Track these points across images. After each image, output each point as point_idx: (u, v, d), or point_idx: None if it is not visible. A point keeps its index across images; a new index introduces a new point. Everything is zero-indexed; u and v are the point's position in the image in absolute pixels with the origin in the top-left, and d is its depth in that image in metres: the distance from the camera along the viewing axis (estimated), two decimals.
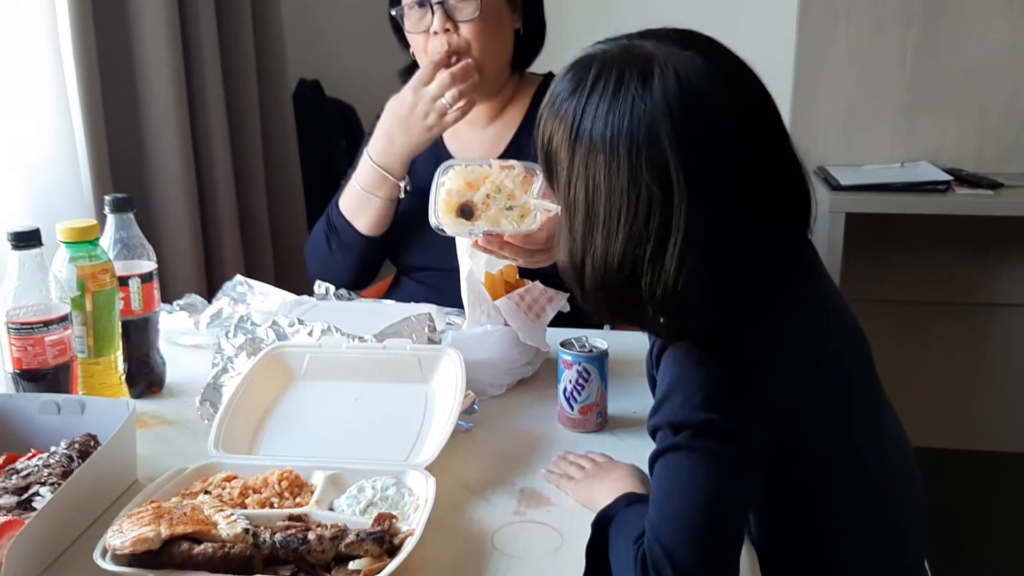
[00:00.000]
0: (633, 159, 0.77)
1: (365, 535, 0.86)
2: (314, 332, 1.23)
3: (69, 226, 1.16)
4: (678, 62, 0.79)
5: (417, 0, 1.45)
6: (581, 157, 0.80)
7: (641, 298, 0.80)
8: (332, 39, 2.80)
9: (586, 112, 0.80)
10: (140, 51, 1.92)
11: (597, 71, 0.81)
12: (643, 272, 0.79)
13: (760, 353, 0.83)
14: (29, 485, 0.95)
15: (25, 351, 1.10)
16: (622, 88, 0.79)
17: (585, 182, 0.80)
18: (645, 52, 0.80)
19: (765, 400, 0.82)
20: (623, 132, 0.78)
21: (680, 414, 0.81)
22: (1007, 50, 2.53)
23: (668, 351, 0.85)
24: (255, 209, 2.27)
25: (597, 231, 0.80)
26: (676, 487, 0.80)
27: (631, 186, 0.78)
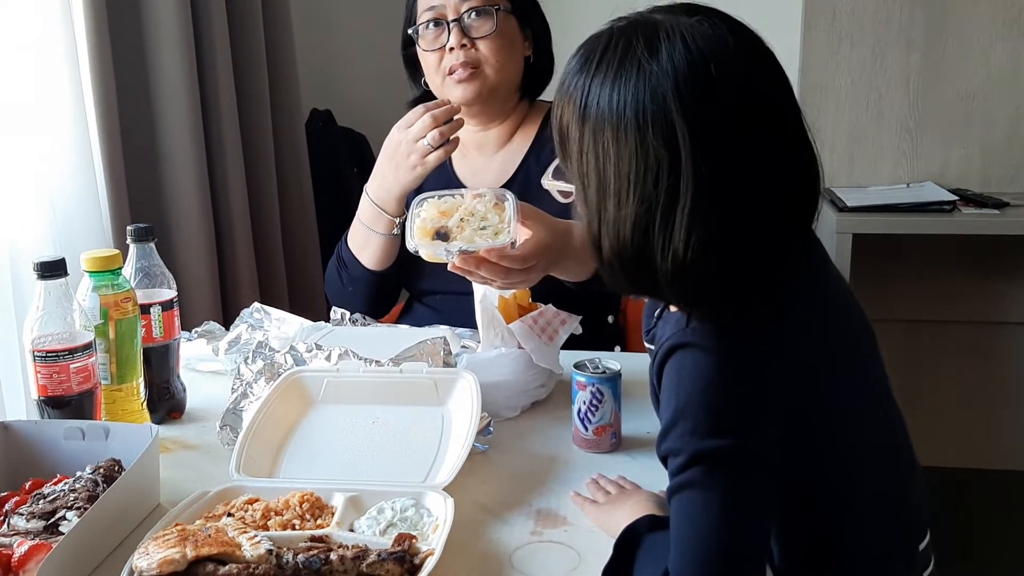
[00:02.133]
0: (640, 123, 0.78)
1: (386, 555, 0.88)
2: (331, 357, 1.25)
3: (93, 256, 1.18)
4: (685, 28, 0.79)
5: (433, 19, 1.49)
6: (590, 128, 0.81)
7: (654, 266, 0.80)
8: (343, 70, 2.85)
9: (593, 84, 0.81)
10: (157, 82, 1.96)
11: (605, 44, 0.82)
12: (654, 239, 0.79)
13: (770, 350, 0.82)
14: (56, 509, 0.97)
15: (50, 378, 1.12)
16: (629, 55, 0.79)
17: (595, 151, 0.81)
18: (652, 21, 0.81)
19: (777, 406, 0.81)
20: (629, 98, 0.78)
21: (691, 443, 0.79)
22: (1009, 71, 2.55)
23: (670, 364, 0.83)
24: (269, 237, 2.30)
25: (609, 199, 0.81)
26: (696, 529, 0.79)
27: (639, 150, 0.78)
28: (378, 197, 1.52)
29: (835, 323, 0.90)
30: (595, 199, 0.82)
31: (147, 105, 1.97)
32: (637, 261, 0.81)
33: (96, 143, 1.80)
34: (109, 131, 1.81)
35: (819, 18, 2.60)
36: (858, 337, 0.92)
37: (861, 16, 2.58)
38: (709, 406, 0.80)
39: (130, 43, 1.93)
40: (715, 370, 0.80)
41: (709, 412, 0.80)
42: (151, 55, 1.95)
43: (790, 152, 0.82)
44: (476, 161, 1.62)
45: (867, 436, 0.90)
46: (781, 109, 0.83)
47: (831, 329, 0.89)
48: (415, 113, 1.45)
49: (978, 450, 2.79)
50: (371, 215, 1.54)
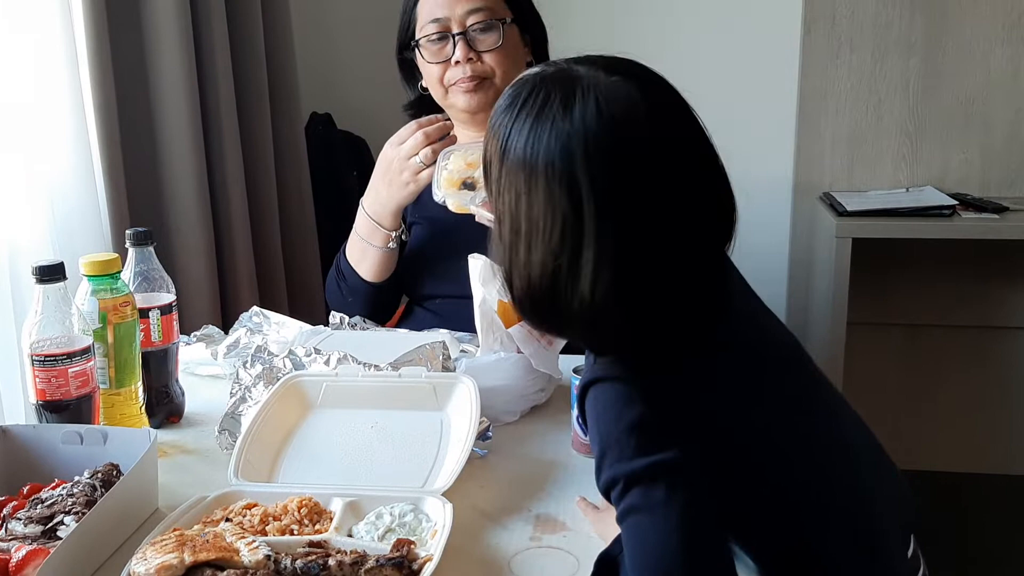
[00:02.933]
0: (548, 175, 0.81)
1: (384, 561, 0.88)
2: (330, 361, 1.25)
3: (91, 260, 1.18)
4: (601, 87, 0.82)
5: (437, 32, 1.48)
6: (508, 170, 0.84)
7: (560, 311, 0.82)
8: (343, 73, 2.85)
9: (514, 129, 0.84)
10: (157, 85, 1.96)
11: (528, 91, 0.85)
12: (561, 285, 0.81)
13: (684, 371, 0.84)
14: (54, 514, 0.97)
15: (49, 383, 1.12)
16: (546, 108, 0.82)
17: (511, 195, 0.84)
18: (573, 75, 0.84)
19: (696, 415, 0.83)
20: (541, 150, 0.81)
21: (621, 468, 0.81)
22: (1009, 75, 2.56)
23: (588, 400, 0.85)
24: (269, 240, 2.30)
25: (520, 243, 0.83)
26: (648, 552, 0.79)
27: (547, 201, 0.81)
28: (374, 211, 1.53)
29: (753, 348, 0.91)
30: (509, 240, 0.85)
31: (147, 108, 1.97)
32: (545, 304, 0.84)
33: (96, 146, 1.80)
34: (109, 134, 1.81)
35: (819, 22, 2.61)
36: (784, 360, 0.93)
37: (861, 20, 2.59)
38: (629, 430, 0.81)
39: (130, 46, 1.93)
40: (626, 396, 0.82)
41: (631, 435, 0.81)
42: (151, 58, 1.95)
43: (699, 196, 0.84)
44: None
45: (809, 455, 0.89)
46: (689, 159, 0.84)
47: (747, 353, 0.90)
48: (407, 130, 1.45)
49: (979, 454, 2.79)
50: (367, 229, 1.55)
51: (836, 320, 2.39)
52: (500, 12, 1.50)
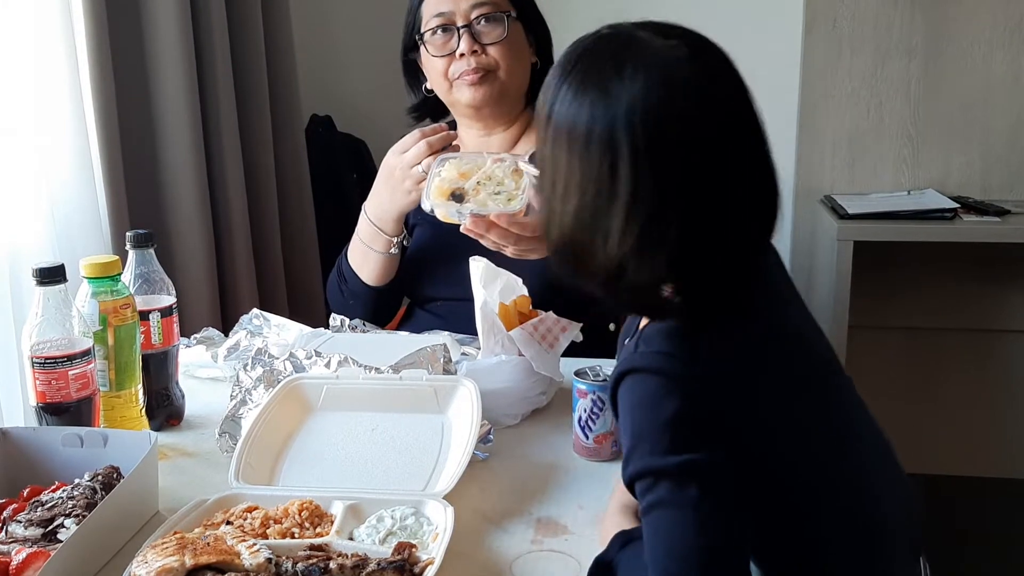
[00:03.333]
0: (590, 128, 0.81)
1: (386, 564, 0.87)
2: (331, 364, 1.25)
3: (92, 262, 1.18)
4: (655, 48, 0.82)
5: (441, 25, 1.48)
6: (554, 121, 0.84)
7: (592, 265, 0.83)
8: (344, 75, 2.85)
9: (565, 82, 0.84)
10: (157, 87, 1.96)
11: (584, 48, 0.85)
12: (592, 239, 0.82)
13: (717, 373, 0.83)
14: (54, 517, 0.97)
15: (49, 385, 1.11)
16: (597, 65, 0.82)
17: (552, 145, 0.84)
18: (629, 36, 0.84)
19: (732, 418, 0.82)
20: (587, 103, 0.81)
21: (653, 462, 0.80)
22: (1010, 79, 2.56)
23: (621, 389, 0.85)
24: (269, 243, 2.30)
25: (557, 193, 0.84)
26: (672, 547, 0.79)
27: (584, 154, 0.81)
28: (376, 217, 1.53)
29: (791, 353, 0.90)
30: (548, 189, 0.86)
31: (147, 110, 1.97)
32: (577, 257, 0.84)
33: (96, 149, 1.80)
34: (109, 137, 1.81)
35: (820, 25, 2.61)
36: (819, 367, 0.93)
37: (862, 23, 2.59)
38: (665, 424, 0.81)
39: (130, 48, 1.93)
40: (664, 390, 0.81)
41: (666, 430, 0.81)
42: (151, 60, 1.95)
43: (741, 175, 0.83)
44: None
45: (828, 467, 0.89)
46: (734, 130, 0.83)
47: (784, 357, 0.89)
48: (411, 138, 1.45)
49: (979, 458, 2.78)
50: (369, 234, 1.55)
51: (837, 323, 2.38)
52: (503, 6, 1.50)
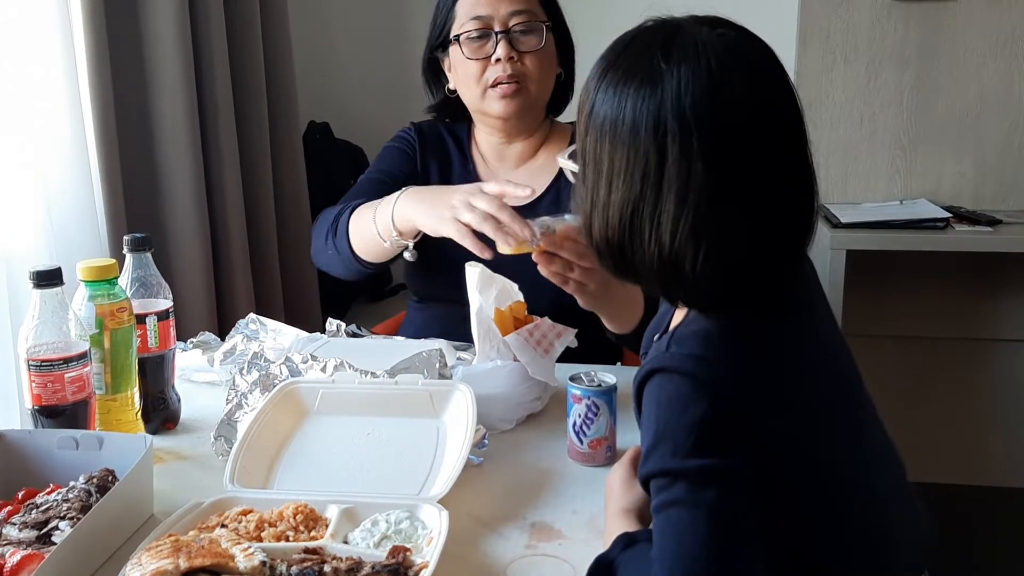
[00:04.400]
0: (636, 116, 0.81)
1: (380, 568, 0.88)
2: (327, 368, 1.25)
3: (89, 265, 1.18)
4: (701, 39, 0.82)
5: (479, 30, 1.48)
6: (597, 116, 0.84)
7: (639, 253, 0.83)
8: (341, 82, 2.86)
9: (610, 72, 0.84)
10: (155, 95, 1.97)
11: (629, 39, 0.86)
12: (639, 229, 0.82)
13: (749, 372, 0.83)
14: (49, 519, 0.97)
15: (45, 388, 1.12)
16: (644, 54, 0.83)
17: (597, 134, 0.84)
18: (675, 27, 0.85)
19: (757, 427, 0.82)
20: (631, 91, 0.81)
21: (673, 463, 0.80)
22: (1002, 89, 2.58)
23: (648, 386, 0.84)
24: (266, 248, 2.30)
25: (601, 184, 0.84)
26: (682, 547, 0.78)
27: (632, 142, 0.81)
28: (403, 214, 1.37)
29: (820, 367, 0.91)
30: (591, 179, 0.85)
31: (145, 115, 1.98)
32: (622, 247, 0.84)
33: (93, 153, 1.81)
34: (107, 141, 1.82)
35: (814, 35, 2.63)
36: (844, 387, 0.93)
37: (855, 33, 2.61)
38: (690, 427, 0.80)
39: (129, 53, 1.94)
40: (693, 391, 0.81)
41: (691, 433, 0.80)
42: (150, 65, 1.96)
43: (784, 167, 0.84)
44: (498, 172, 1.61)
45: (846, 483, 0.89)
46: (778, 119, 0.84)
47: (813, 370, 0.89)
48: (492, 187, 1.29)
49: (968, 466, 2.79)
50: (386, 226, 1.40)
51: None
52: (540, 15, 1.51)
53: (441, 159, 1.63)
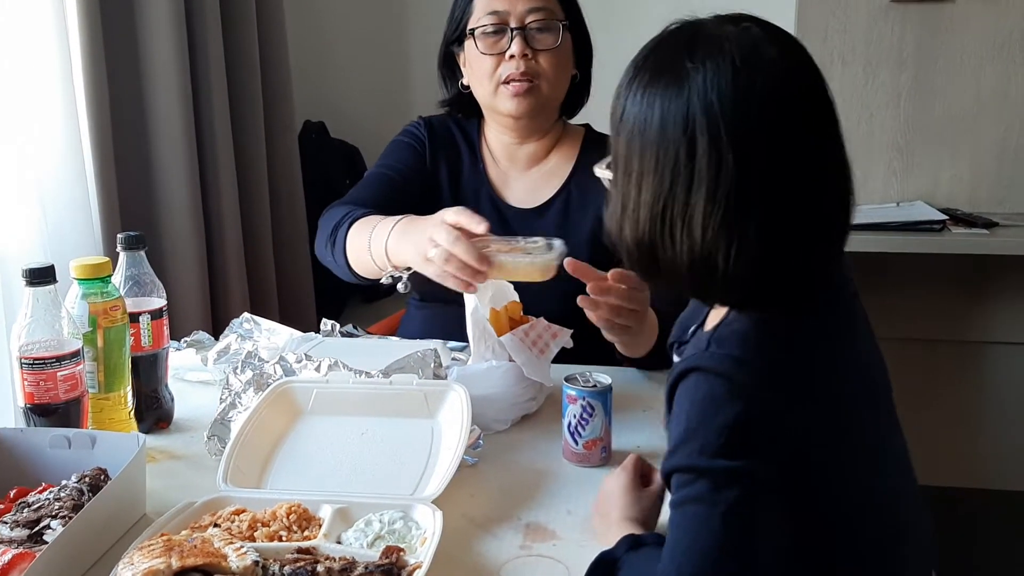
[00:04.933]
0: (664, 114, 0.81)
1: (374, 567, 0.87)
2: (321, 368, 1.25)
3: (82, 263, 1.18)
4: (727, 36, 0.82)
5: (495, 26, 1.47)
6: (627, 120, 0.85)
7: (669, 254, 0.83)
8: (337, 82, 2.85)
9: (638, 74, 0.85)
10: (150, 93, 1.96)
11: (657, 43, 0.87)
12: (671, 228, 0.82)
13: (783, 385, 0.82)
14: (40, 518, 0.96)
15: (37, 386, 1.11)
16: (670, 54, 0.84)
17: (626, 142, 0.85)
18: (699, 25, 0.85)
19: (787, 430, 0.81)
20: (660, 90, 0.82)
21: (699, 461, 0.80)
22: (999, 92, 2.58)
23: (683, 384, 0.84)
24: (260, 247, 2.30)
25: (631, 185, 0.84)
26: (696, 542, 0.79)
27: (660, 140, 0.81)
28: (394, 242, 1.32)
29: (852, 369, 0.91)
30: (620, 182, 0.85)
31: (140, 113, 1.97)
32: (654, 247, 0.84)
33: (88, 151, 1.80)
34: (102, 139, 1.81)
35: (811, 36, 2.62)
36: (874, 394, 0.93)
37: (853, 35, 2.61)
38: (720, 429, 0.80)
39: (124, 52, 1.93)
40: (728, 393, 0.80)
41: (721, 433, 0.80)
42: (145, 64, 1.95)
43: (815, 161, 0.83)
44: (510, 174, 1.61)
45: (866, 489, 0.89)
46: (809, 119, 0.84)
47: (848, 377, 0.90)
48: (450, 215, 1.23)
49: (966, 468, 2.79)
50: (379, 249, 1.36)
51: None
52: (558, 14, 1.50)
53: (451, 157, 1.62)
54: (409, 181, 1.58)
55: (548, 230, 1.56)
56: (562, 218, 1.56)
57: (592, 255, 1.54)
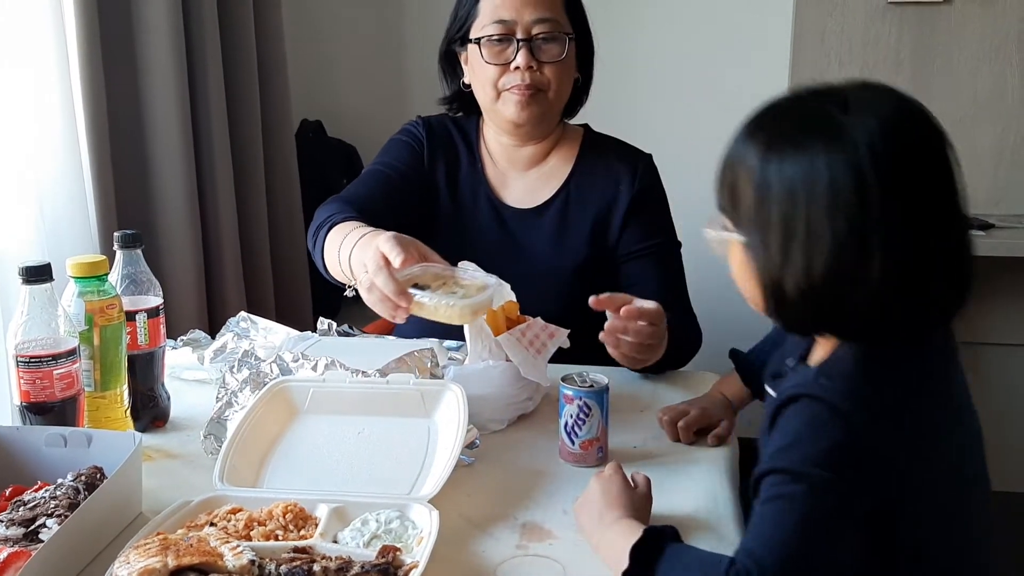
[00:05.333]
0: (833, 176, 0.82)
1: (370, 567, 0.87)
2: (318, 367, 1.24)
3: (79, 261, 1.18)
4: (867, 94, 0.87)
5: (500, 35, 1.47)
6: (779, 179, 0.85)
7: (846, 304, 0.84)
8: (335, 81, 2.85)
9: (775, 141, 0.86)
10: (147, 91, 1.96)
11: (786, 106, 0.89)
12: (848, 279, 0.83)
13: (889, 412, 0.85)
14: (36, 517, 0.96)
15: (33, 384, 1.11)
16: (816, 117, 0.85)
17: (782, 200, 0.84)
18: (829, 88, 0.88)
19: (886, 467, 0.84)
20: (821, 152, 0.83)
21: (800, 466, 0.83)
22: (996, 94, 2.58)
23: (791, 409, 0.87)
24: (257, 246, 2.30)
25: (796, 246, 0.84)
26: (781, 538, 0.81)
27: (831, 201, 0.82)
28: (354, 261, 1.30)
29: (950, 418, 0.94)
30: (779, 244, 0.85)
31: (137, 111, 1.97)
32: (828, 300, 0.85)
33: (85, 149, 1.80)
34: (98, 137, 1.81)
35: (809, 37, 2.63)
36: (968, 435, 0.97)
37: (850, 36, 2.61)
38: (824, 446, 0.83)
39: (121, 50, 1.93)
40: (833, 420, 0.83)
41: (823, 450, 0.83)
42: (142, 61, 1.95)
43: (955, 210, 0.87)
44: (509, 175, 1.61)
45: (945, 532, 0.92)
46: (948, 170, 0.87)
47: (944, 422, 0.93)
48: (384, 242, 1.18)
49: None
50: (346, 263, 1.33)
51: None
52: (564, 26, 1.49)
53: (449, 158, 1.61)
54: (406, 180, 1.57)
55: (546, 230, 1.56)
56: (560, 218, 1.56)
57: (590, 255, 1.55)
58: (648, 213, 1.57)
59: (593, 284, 1.55)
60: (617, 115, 1.69)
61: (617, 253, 1.56)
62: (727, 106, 2.61)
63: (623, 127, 1.67)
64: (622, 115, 1.75)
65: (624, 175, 1.56)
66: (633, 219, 1.55)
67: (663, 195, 1.61)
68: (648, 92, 2.65)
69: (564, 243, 1.56)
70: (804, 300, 0.86)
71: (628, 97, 2.58)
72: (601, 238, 1.56)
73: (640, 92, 2.63)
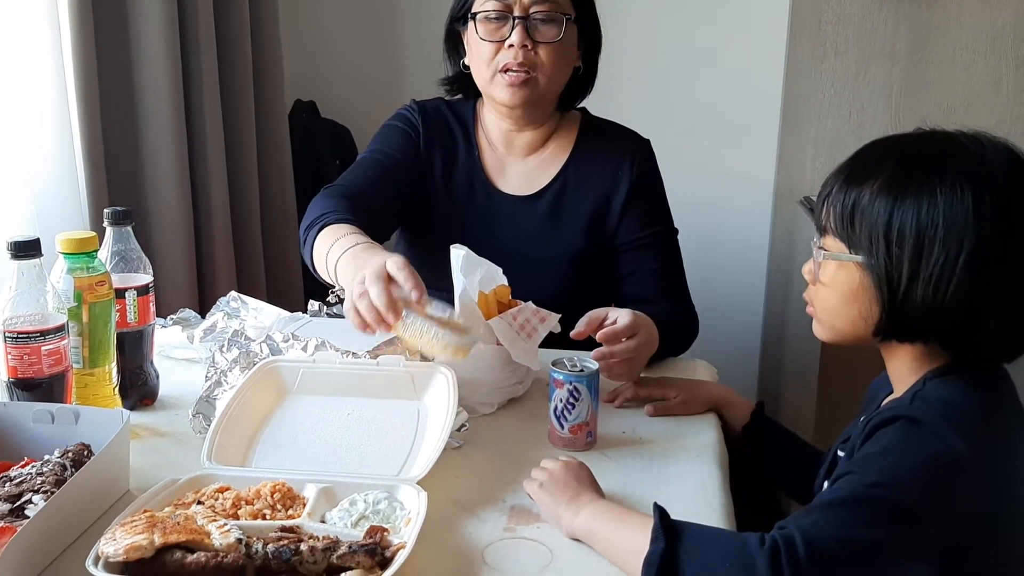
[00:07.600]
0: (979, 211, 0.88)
1: (357, 547, 0.87)
2: (308, 347, 1.24)
3: (68, 237, 1.17)
4: (973, 137, 0.93)
5: (498, 12, 1.46)
6: (911, 219, 0.90)
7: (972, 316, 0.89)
8: (328, 61, 2.83)
9: (900, 182, 0.91)
10: (139, 68, 1.94)
11: (900, 154, 0.95)
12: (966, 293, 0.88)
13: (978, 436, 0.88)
14: (22, 493, 0.96)
15: (21, 360, 1.10)
16: (934, 156, 0.92)
17: (917, 219, 0.90)
18: (943, 132, 0.96)
19: (965, 502, 0.86)
20: (944, 188, 0.89)
21: (880, 479, 0.85)
22: (991, 86, 2.58)
23: (889, 428, 0.89)
24: (248, 226, 2.29)
25: (931, 258, 0.89)
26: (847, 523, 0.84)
27: (962, 226, 0.88)
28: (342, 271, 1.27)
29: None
30: (911, 256, 0.90)
31: (129, 89, 1.95)
32: (957, 312, 0.89)
33: (76, 126, 1.78)
34: (90, 114, 1.79)
35: (805, 27, 2.62)
36: None
37: (846, 27, 2.61)
38: (912, 461, 0.86)
39: (113, 27, 1.91)
40: (926, 438, 0.87)
41: (916, 469, 0.86)
42: (134, 38, 1.93)
43: None
44: (507, 161, 1.60)
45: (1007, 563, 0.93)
46: None
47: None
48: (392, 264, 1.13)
49: None
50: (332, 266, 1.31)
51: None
52: (564, 7, 1.48)
53: (445, 145, 1.60)
54: (402, 168, 1.56)
55: (542, 216, 1.56)
56: (556, 205, 1.56)
57: (587, 243, 1.55)
58: (647, 200, 1.56)
59: (588, 271, 1.56)
60: (609, 102, 1.68)
61: (616, 242, 1.56)
62: (721, 95, 2.63)
63: (616, 115, 1.66)
64: (614, 103, 1.74)
65: (623, 162, 1.56)
66: (632, 207, 1.55)
67: (660, 181, 1.60)
68: (642, 81, 2.65)
69: (560, 230, 1.55)
70: (931, 312, 0.90)
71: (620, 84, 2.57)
72: (599, 226, 1.55)
73: (634, 80, 2.62)
